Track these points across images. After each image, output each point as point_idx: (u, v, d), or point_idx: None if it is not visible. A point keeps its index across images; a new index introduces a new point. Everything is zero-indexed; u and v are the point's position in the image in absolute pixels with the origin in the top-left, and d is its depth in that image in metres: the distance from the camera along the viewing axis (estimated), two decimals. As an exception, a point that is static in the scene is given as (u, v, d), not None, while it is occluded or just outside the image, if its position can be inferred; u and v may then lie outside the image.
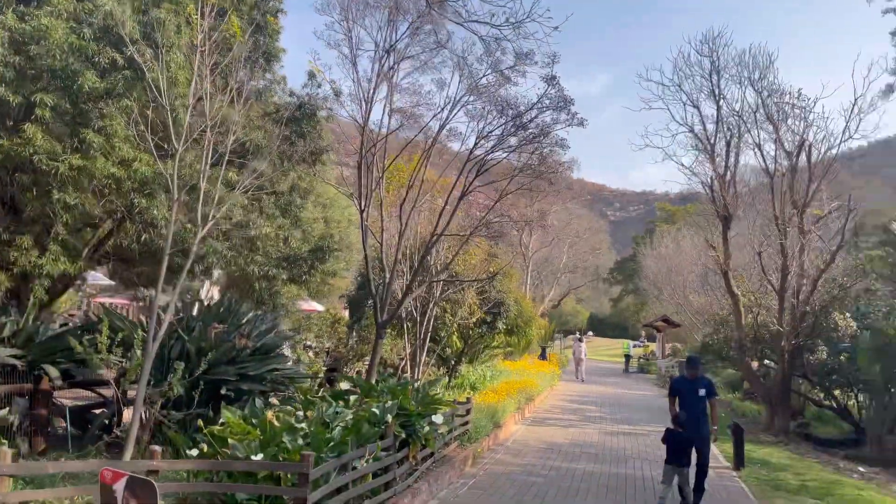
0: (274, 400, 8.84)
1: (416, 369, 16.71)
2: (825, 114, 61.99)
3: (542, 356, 39.27)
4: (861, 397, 19.68)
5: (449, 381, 19.67)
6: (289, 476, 6.78)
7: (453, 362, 20.68)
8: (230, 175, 12.06)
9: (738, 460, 13.37)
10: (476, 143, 12.99)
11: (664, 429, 10.05)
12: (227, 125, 9.62)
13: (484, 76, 12.65)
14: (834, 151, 19.66)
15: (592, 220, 79.81)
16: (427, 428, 9.70)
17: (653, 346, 52.71)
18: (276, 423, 7.44)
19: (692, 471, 9.85)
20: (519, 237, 46.62)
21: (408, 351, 16.99)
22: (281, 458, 6.92)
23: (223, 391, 9.35)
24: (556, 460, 13.03)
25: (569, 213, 58.46)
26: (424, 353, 16.95)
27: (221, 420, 7.96)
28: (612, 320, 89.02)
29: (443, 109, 13.40)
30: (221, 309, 10.62)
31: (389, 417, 9.14)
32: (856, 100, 18.90)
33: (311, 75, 13.08)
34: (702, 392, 9.95)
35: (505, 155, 13.12)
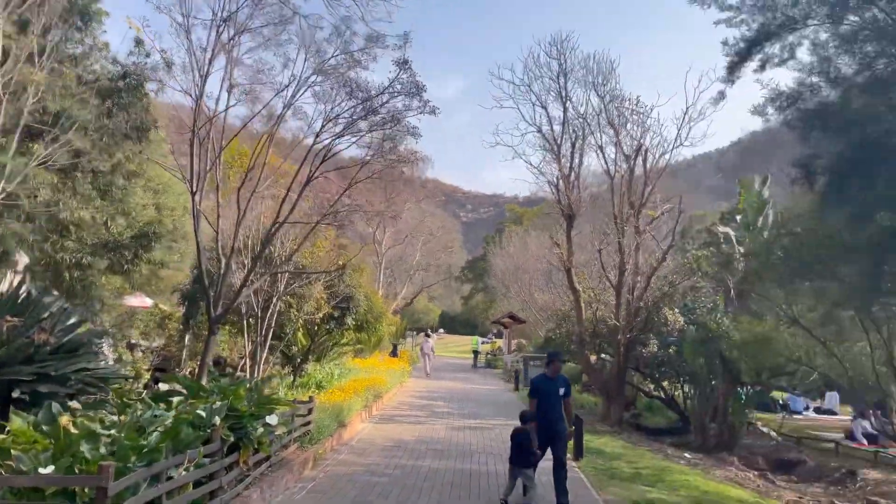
0: (75, 404, 7.66)
1: (256, 368, 15.67)
2: (660, 121, 67.21)
3: (394, 353, 39.00)
4: (686, 388, 21.11)
5: (294, 381, 18.76)
6: (85, 491, 5.81)
7: (299, 360, 19.75)
8: (35, 147, 10.55)
9: (578, 451, 13.68)
10: (323, 127, 12.29)
11: (512, 427, 9.99)
12: (35, 90, 8.32)
13: (333, 56, 11.98)
14: (667, 157, 20.95)
15: (446, 219, 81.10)
16: (261, 430, 8.91)
17: (500, 343, 54.22)
18: (72, 429, 6.39)
19: (542, 468, 9.80)
20: (372, 234, 46.14)
21: (248, 349, 15.90)
22: (77, 470, 5.93)
23: (16, 394, 8.00)
24: (401, 458, 12.64)
25: (422, 211, 58.85)
26: (266, 351, 15.94)
27: (7, 428, 6.76)
28: (463, 317, 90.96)
29: (287, 87, 12.55)
30: (19, 300, 9.16)
31: (217, 419, 8.27)
32: (687, 109, 20.24)
33: (139, 42, 11.72)
34: (561, 391, 9.93)
35: (354, 140, 12.53)
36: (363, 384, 18.93)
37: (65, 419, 6.50)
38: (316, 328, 19.10)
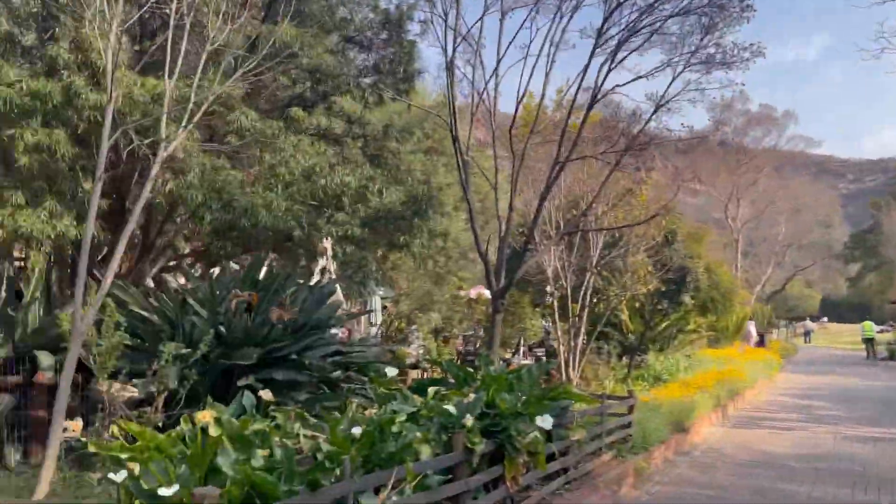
0: (267, 394, 5.98)
1: (572, 358, 13.08)
2: None
3: (761, 343, 33.37)
4: None
5: (628, 373, 15.91)
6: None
7: (635, 350, 16.64)
8: (300, 115, 9.64)
9: None
10: (604, 25, 9.12)
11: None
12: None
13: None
14: None
15: (820, 192, 69.29)
16: (532, 435, 6.28)
17: (908, 329, 43.20)
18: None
19: None
20: (724, 205, 40.63)
21: (559, 335, 13.37)
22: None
23: (242, 382, 6.68)
24: (763, 478, 8.93)
25: (783, 179, 50.38)
26: (581, 338, 13.23)
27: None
28: (850, 302, 76.41)
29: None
30: (261, 275, 8.09)
31: (469, 419, 5.94)
32: None
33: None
34: None
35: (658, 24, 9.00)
36: (713, 378, 15.20)
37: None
38: (646, 309, 15.78)
